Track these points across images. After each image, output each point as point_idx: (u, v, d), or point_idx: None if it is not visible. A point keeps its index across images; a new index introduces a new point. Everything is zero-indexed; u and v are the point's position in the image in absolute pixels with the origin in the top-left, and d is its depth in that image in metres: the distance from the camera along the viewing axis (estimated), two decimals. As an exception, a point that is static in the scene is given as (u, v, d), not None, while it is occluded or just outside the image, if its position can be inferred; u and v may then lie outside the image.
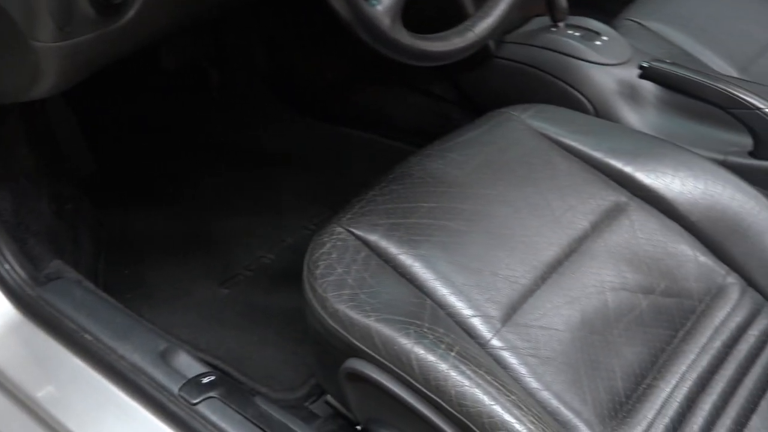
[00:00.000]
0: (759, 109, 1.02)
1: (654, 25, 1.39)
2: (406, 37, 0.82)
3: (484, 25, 0.89)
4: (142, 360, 0.93)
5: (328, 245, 0.91)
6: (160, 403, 0.90)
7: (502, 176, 1.00)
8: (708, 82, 1.05)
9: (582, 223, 0.97)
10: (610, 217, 0.98)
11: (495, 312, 0.86)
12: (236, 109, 1.79)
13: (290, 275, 0.92)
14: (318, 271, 0.87)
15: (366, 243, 0.91)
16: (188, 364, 0.96)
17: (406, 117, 1.53)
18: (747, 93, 1.04)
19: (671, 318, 0.91)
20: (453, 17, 0.99)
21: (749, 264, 0.98)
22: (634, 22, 1.40)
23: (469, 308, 0.86)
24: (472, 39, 0.89)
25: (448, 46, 0.87)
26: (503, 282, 0.88)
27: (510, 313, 0.86)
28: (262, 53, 1.78)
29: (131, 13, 0.81)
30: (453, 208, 0.96)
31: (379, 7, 0.79)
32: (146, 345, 0.96)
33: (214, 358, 1.18)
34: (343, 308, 0.83)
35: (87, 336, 0.96)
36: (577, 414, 0.79)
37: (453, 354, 0.76)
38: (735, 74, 1.31)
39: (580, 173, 1.03)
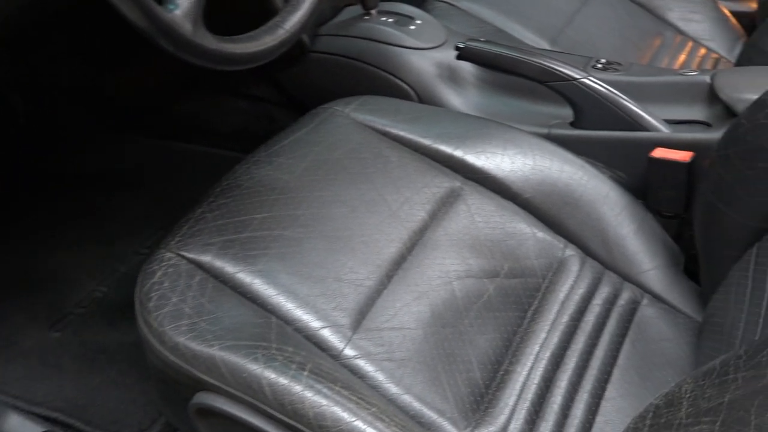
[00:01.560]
0: (575, 79, 1.04)
1: (464, 5, 1.40)
2: (211, 41, 0.76)
3: (294, 19, 0.85)
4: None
5: (159, 274, 0.84)
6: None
7: (334, 176, 0.97)
8: (523, 57, 1.06)
9: (420, 215, 0.95)
10: (446, 204, 0.97)
11: (344, 320, 0.82)
12: (48, 134, 1.65)
13: (127, 307, 0.84)
14: (151, 304, 0.81)
15: (200, 266, 0.85)
16: (20, 426, 0.86)
17: (229, 123, 1.46)
18: (561, 65, 1.05)
19: (518, 299, 0.91)
20: (263, 13, 0.93)
21: (585, 234, 1.00)
22: (445, 2, 1.40)
23: (317, 320, 0.82)
24: (284, 36, 0.84)
25: (259, 46, 0.82)
26: (349, 287, 0.85)
27: (360, 319, 0.83)
28: (68, 70, 1.65)
29: None
30: (287, 216, 0.91)
31: (177, 12, 0.73)
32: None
33: (53, 410, 1.08)
34: (183, 340, 0.77)
35: None
36: (441, 413, 0.77)
37: (306, 373, 0.72)
38: (546, 46, 1.34)
39: (411, 163, 1.01)
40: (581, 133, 1.07)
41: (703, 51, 1.49)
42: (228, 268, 0.84)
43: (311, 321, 0.81)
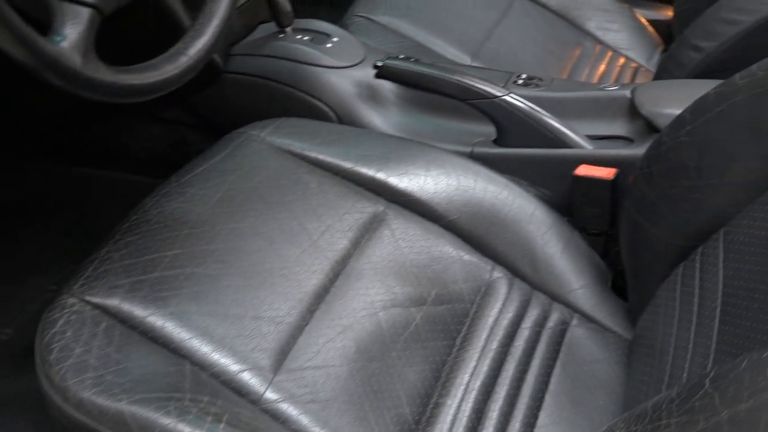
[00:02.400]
0: (496, 97, 1.02)
1: (383, 19, 1.37)
2: (105, 73, 0.70)
3: (198, 45, 0.79)
4: None
5: (61, 322, 0.78)
6: None
7: (251, 206, 0.92)
8: (443, 75, 1.03)
9: (342, 243, 0.91)
10: (370, 230, 0.94)
11: (264, 361, 0.77)
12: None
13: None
14: (52, 357, 0.75)
15: (105, 311, 0.79)
16: None
17: (143, 148, 1.40)
18: (482, 82, 1.03)
19: (446, 326, 0.88)
20: (169, 37, 0.88)
21: (512, 254, 0.97)
22: (363, 17, 1.36)
23: (236, 363, 0.77)
24: (186, 64, 0.79)
25: (160, 76, 0.76)
26: (268, 325, 0.81)
27: (281, 359, 0.79)
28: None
29: None
30: (201, 252, 0.86)
31: (65, 44, 0.67)
32: None
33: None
34: (89, 396, 0.71)
35: None
36: (369, 457, 0.73)
37: (222, 425, 0.68)
38: (468, 60, 1.32)
39: (332, 188, 0.97)
40: (505, 151, 1.05)
41: (622, 60, 1.49)
42: (137, 311, 0.79)
43: (229, 365, 0.77)
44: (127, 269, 0.83)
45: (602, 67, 1.46)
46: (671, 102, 0.98)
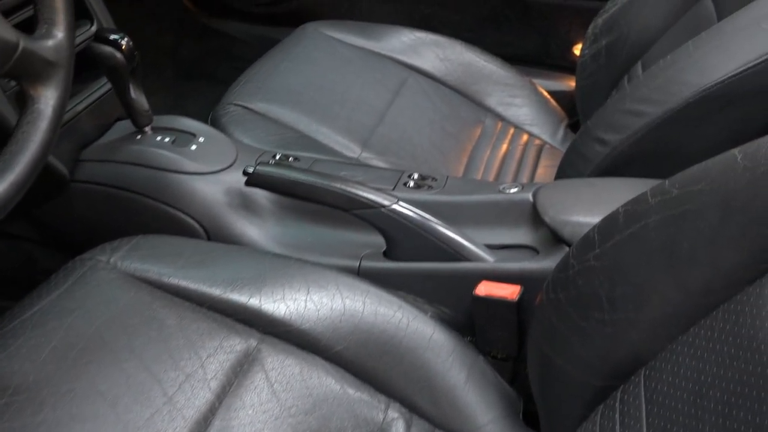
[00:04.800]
0: (383, 206, 0.90)
1: (262, 107, 1.23)
2: None
3: (3, 185, 0.64)
4: None
5: None
6: None
7: (91, 357, 0.77)
8: (322, 183, 0.91)
9: (204, 396, 0.76)
10: (239, 374, 0.79)
11: None
12: None
13: None
14: None
15: None
16: None
17: (-15, 264, 1.22)
18: (367, 190, 0.90)
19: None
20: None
21: (409, 388, 0.85)
22: (239, 106, 1.22)
23: None
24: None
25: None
26: None
27: None
28: None
29: None
30: (23, 427, 0.70)
31: None
32: None
33: None
34: None
35: None
36: None
37: None
38: (358, 150, 1.20)
39: (194, 324, 0.83)
40: (396, 265, 0.93)
41: (525, 137, 1.40)
42: None
43: None
44: None
45: (504, 147, 1.36)
46: (576, 208, 0.87)
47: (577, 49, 1.58)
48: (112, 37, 0.95)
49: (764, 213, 0.62)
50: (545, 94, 1.48)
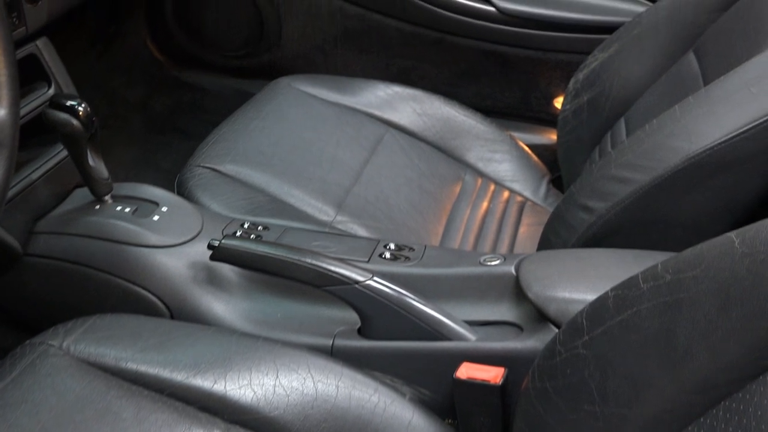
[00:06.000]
0: (356, 282, 0.84)
1: (231, 169, 1.17)
2: None
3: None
4: None
5: None
6: None
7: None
8: (292, 258, 0.85)
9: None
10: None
11: None
12: None
13: None
14: None
15: None
16: None
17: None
18: (339, 265, 0.85)
19: None
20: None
21: (385, 482, 0.79)
22: (207, 168, 1.17)
23: None
24: None
25: None
26: None
27: None
28: None
29: None
30: None
31: None
32: None
33: None
34: None
35: None
36: None
37: None
38: (332, 213, 1.14)
39: (153, 416, 0.76)
40: (371, 344, 0.87)
41: (506, 194, 1.35)
42: None
43: None
44: None
45: (485, 204, 1.31)
46: (562, 283, 0.82)
47: (558, 102, 1.54)
48: (69, 103, 0.90)
49: (766, 305, 0.57)
50: (526, 148, 1.44)
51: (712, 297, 0.60)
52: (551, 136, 1.53)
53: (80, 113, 0.90)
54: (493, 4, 1.52)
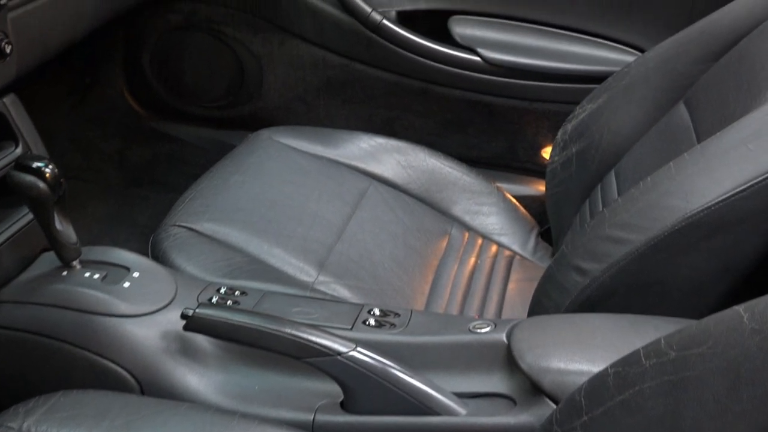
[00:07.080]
0: (339, 353, 0.79)
1: (208, 228, 1.12)
2: None
3: None
4: None
5: None
6: None
7: None
8: (271, 328, 0.80)
9: None
10: None
11: None
12: None
13: None
14: None
15: None
16: None
17: None
18: (321, 335, 0.80)
19: None
20: None
21: None
22: (183, 227, 1.12)
23: None
24: None
25: None
26: None
27: None
28: None
29: None
30: None
31: None
32: None
33: None
34: None
35: None
36: None
37: None
38: (314, 273, 1.10)
39: None
40: (355, 419, 0.81)
41: (494, 248, 1.31)
42: None
43: None
44: None
45: (472, 260, 1.27)
46: (557, 352, 0.77)
47: (546, 153, 1.51)
48: (35, 164, 0.85)
49: (780, 386, 0.52)
50: (513, 200, 1.40)
51: (721, 376, 0.56)
52: (539, 187, 1.50)
53: (47, 175, 0.85)
54: (478, 54, 1.50)
